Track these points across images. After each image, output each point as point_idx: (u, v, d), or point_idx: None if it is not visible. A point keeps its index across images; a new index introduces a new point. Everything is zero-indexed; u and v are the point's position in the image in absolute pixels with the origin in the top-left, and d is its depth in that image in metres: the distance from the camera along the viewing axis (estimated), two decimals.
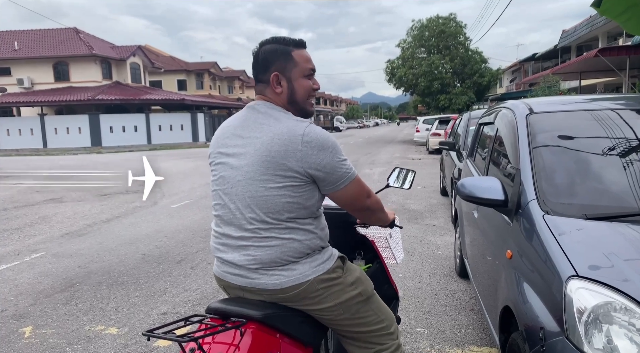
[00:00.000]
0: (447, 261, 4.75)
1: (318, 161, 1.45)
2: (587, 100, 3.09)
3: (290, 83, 1.58)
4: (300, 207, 1.51)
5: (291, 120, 1.51)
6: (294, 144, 1.45)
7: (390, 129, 58.94)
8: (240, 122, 1.61)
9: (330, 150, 1.47)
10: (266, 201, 1.49)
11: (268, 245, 1.51)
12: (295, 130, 1.46)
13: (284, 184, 1.47)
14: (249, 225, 1.52)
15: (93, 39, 34.44)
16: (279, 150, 1.45)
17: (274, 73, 1.57)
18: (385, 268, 2.05)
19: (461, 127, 7.93)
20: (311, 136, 1.46)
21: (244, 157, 1.52)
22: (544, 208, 1.98)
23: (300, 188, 1.49)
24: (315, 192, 1.53)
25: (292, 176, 1.46)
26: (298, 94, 1.59)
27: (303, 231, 1.54)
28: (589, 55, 14.75)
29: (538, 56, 33.18)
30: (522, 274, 1.93)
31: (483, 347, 2.97)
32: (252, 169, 1.49)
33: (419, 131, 23.91)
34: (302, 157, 1.44)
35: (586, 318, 1.46)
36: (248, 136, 1.55)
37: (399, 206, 7.72)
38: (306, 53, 1.62)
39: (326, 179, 1.50)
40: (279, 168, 1.46)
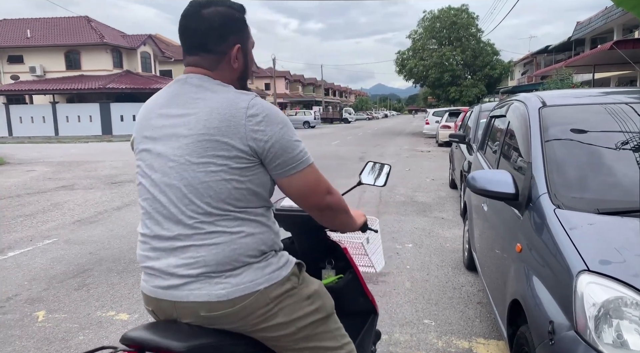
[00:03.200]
0: (455, 254, 4.75)
1: (266, 137, 1.22)
2: (600, 93, 3.05)
3: (246, 57, 1.37)
4: (250, 193, 1.27)
5: (231, 92, 1.28)
6: (237, 118, 1.21)
7: (400, 121, 58.67)
8: (167, 100, 1.33)
9: (281, 126, 1.25)
10: (208, 189, 1.23)
11: (214, 243, 1.24)
12: (238, 102, 1.23)
13: (230, 167, 1.23)
14: (188, 219, 1.24)
15: (104, 27, 34.53)
16: (219, 126, 1.21)
17: (237, 45, 1.33)
18: (360, 278, 1.76)
19: (471, 120, 7.87)
20: (257, 108, 1.23)
21: (175, 139, 1.26)
22: (555, 202, 1.97)
23: (248, 171, 1.25)
24: (266, 176, 1.29)
25: (237, 157, 1.22)
26: (249, 69, 1.39)
27: (255, 223, 1.29)
28: (603, 47, 14.52)
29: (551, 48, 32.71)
30: (531, 268, 1.93)
31: (490, 340, 2.97)
32: (186, 152, 1.23)
33: (428, 123, 23.76)
34: (247, 133, 1.21)
35: (596, 312, 1.46)
36: (179, 113, 1.28)
37: (408, 198, 7.71)
38: None
39: (275, 158, 1.25)
40: (220, 147, 1.21)
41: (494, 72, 30.43)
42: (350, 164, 12.57)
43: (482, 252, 3.28)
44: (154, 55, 36.41)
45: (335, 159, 13.88)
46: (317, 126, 42.16)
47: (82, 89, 29.31)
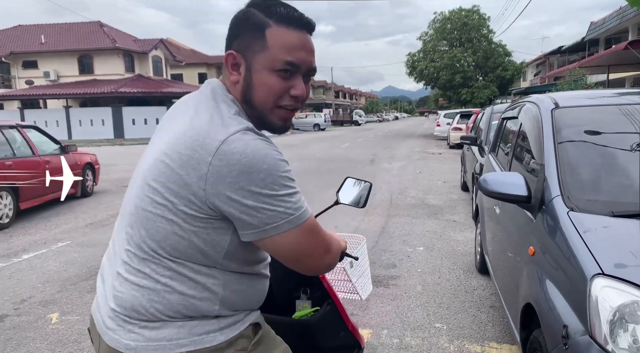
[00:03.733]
0: (467, 257, 4.70)
1: (232, 189, 0.93)
2: (615, 94, 3.01)
3: (249, 73, 1.05)
4: (193, 248, 1.00)
5: (222, 117, 1.00)
6: (203, 152, 0.94)
7: (410, 123, 58.46)
8: (177, 107, 1.16)
9: (262, 176, 0.93)
10: (146, 221, 1.01)
11: (136, 283, 1.02)
12: (215, 133, 0.96)
13: (176, 206, 0.97)
14: (126, 243, 1.06)
15: (116, 32, 34.98)
16: (181, 154, 0.96)
17: (229, 51, 1.07)
18: (341, 309, 1.52)
19: (483, 122, 7.82)
20: (234, 147, 0.93)
21: (150, 155, 1.07)
22: (568, 204, 1.94)
23: (198, 221, 0.97)
24: (225, 235, 1.00)
25: (188, 200, 0.96)
26: (256, 94, 1.05)
27: (193, 282, 1.02)
28: (618, 47, 14.32)
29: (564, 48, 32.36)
30: (544, 271, 1.90)
31: (503, 344, 2.94)
32: (147, 169, 1.04)
33: (439, 125, 23.63)
34: (209, 176, 0.93)
35: (611, 317, 1.44)
36: (166, 127, 1.11)
37: (419, 201, 7.67)
38: (295, 37, 1.04)
39: (243, 218, 0.95)
40: (172, 179, 0.97)
41: (506, 74, 30.20)
42: (360, 166, 12.55)
43: (494, 255, 3.24)
44: (165, 59, 36.79)
45: (345, 162, 13.86)
46: (327, 128, 42.18)
47: (94, 93, 29.70)
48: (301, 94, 1.07)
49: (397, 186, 9.18)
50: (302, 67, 1.06)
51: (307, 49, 1.06)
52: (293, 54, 1.03)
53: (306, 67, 1.07)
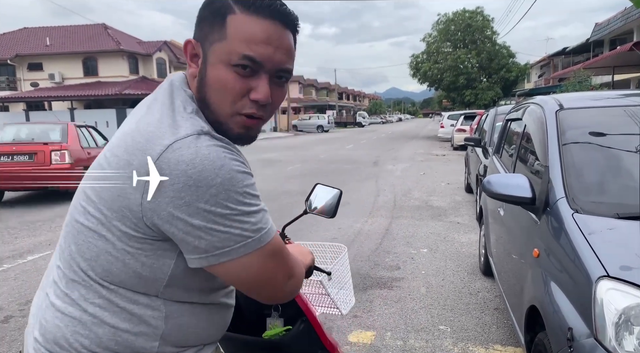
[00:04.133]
0: (471, 259, 4.69)
1: (176, 205, 0.77)
2: (620, 95, 3.00)
3: (204, 66, 0.89)
4: (130, 274, 0.84)
5: (173, 117, 0.84)
6: (143, 158, 0.79)
7: (414, 125, 58.40)
8: (138, 105, 0.98)
9: (213, 191, 0.77)
10: (77, 235, 0.87)
11: (62, 311, 0.87)
12: (161, 136, 0.80)
13: (110, 220, 0.83)
14: (58, 258, 0.92)
15: (120, 34, 35.16)
16: (119, 158, 0.83)
17: (188, 39, 0.93)
18: (317, 326, 1.38)
19: (487, 124, 7.80)
20: (181, 155, 0.77)
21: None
22: (573, 206, 1.94)
23: (135, 241, 0.82)
24: (172, 259, 0.85)
25: (121, 214, 0.81)
26: (209, 92, 0.88)
27: (127, 314, 0.86)
28: (623, 48, 14.27)
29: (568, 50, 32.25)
30: (549, 273, 1.89)
31: (508, 347, 2.93)
32: (89, 175, 0.89)
33: (443, 126, 23.60)
34: (146, 191, 0.78)
35: (617, 319, 1.43)
36: (120, 129, 0.95)
37: (423, 202, 7.66)
38: (260, 27, 0.85)
39: (188, 241, 0.80)
40: (106, 187, 0.83)
41: (510, 75, 30.14)
42: (364, 168, 12.55)
43: (498, 257, 3.23)
44: (169, 61, 36.93)
45: (349, 163, 13.86)
46: (331, 130, 42.19)
47: (99, 95, 29.85)
48: (262, 98, 0.87)
49: (400, 187, 9.17)
50: (267, 65, 0.86)
51: (275, 44, 0.86)
52: (254, 47, 0.84)
53: (273, 66, 0.87)
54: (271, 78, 0.89)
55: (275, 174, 11.13)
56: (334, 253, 1.56)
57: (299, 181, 9.91)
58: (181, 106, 0.87)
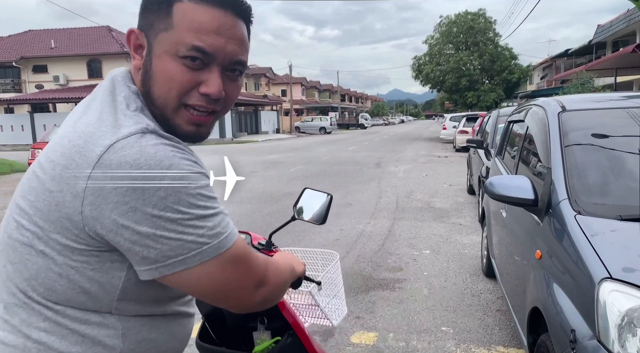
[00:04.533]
0: (473, 260, 4.69)
1: (120, 211, 0.69)
2: (622, 97, 3.00)
3: (149, 58, 0.81)
4: (77, 291, 0.75)
5: (115, 115, 0.76)
6: (82, 161, 0.71)
7: (416, 127, 58.38)
8: (77, 106, 0.88)
9: (161, 194, 0.70)
10: (12, 253, 0.77)
11: (1, 341, 0.78)
12: (101, 136, 0.73)
13: (47, 234, 0.73)
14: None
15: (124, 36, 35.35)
16: (54, 163, 0.74)
17: (130, 29, 0.85)
18: (305, 339, 1.31)
19: (489, 125, 7.79)
20: (124, 155, 0.70)
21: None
22: (575, 208, 1.94)
23: (79, 254, 0.73)
24: (122, 271, 0.76)
25: (60, 225, 0.72)
26: (154, 85, 0.81)
27: (78, 336, 0.77)
28: (625, 50, 14.25)
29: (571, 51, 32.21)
30: (552, 275, 1.89)
31: (510, 348, 2.92)
32: (19, 187, 0.81)
33: (445, 128, 23.59)
34: (88, 195, 0.70)
35: (620, 321, 1.43)
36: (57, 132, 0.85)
37: (425, 204, 7.65)
38: (209, 15, 0.79)
39: (135, 250, 0.72)
40: (42, 197, 0.73)
41: (513, 77, 30.11)
42: (366, 169, 12.55)
43: (501, 259, 3.23)
44: None
45: (351, 165, 13.86)
46: (333, 131, 42.22)
47: None
48: (213, 92, 0.80)
49: (403, 189, 9.17)
50: (218, 57, 0.80)
51: (227, 35, 0.80)
52: (204, 37, 0.78)
53: (225, 57, 0.81)
54: (223, 71, 0.82)
55: (279, 176, 11.13)
56: (325, 260, 1.47)
57: (301, 183, 9.91)
58: (123, 103, 0.78)
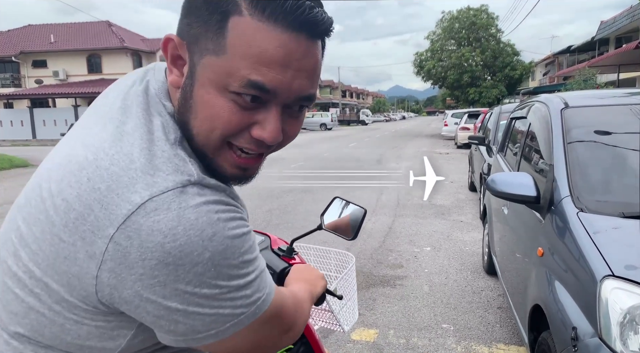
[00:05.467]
0: (474, 257, 4.68)
1: (146, 285, 0.57)
2: (625, 94, 2.98)
3: (190, 82, 0.64)
4: (69, 340, 0.64)
5: (150, 150, 0.61)
6: (103, 216, 0.57)
7: (418, 123, 58.28)
8: (97, 101, 0.73)
9: (199, 270, 0.58)
10: (2, 279, 0.66)
11: None
12: (130, 183, 0.58)
13: (43, 284, 0.61)
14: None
15: (124, 31, 35.23)
16: (69, 204, 0.59)
17: (169, 35, 0.66)
18: (315, 347, 1.28)
19: (491, 122, 7.77)
20: (157, 220, 0.56)
21: (35, 177, 0.70)
22: (578, 205, 1.93)
23: (82, 311, 0.62)
24: (131, 330, 0.65)
25: (68, 282, 0.60)
26: (194, 119, 0.64)
27: None
28: (629, 46, 14.20)
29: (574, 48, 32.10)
30: (553, 272, 1.89)
31: (511, 346, 2.92)
32: (22, 210, 0.65)
33: (447, 124, 23.55)
34: (108, 259, 0.57)
35: (622, 319, 1.42)
36: (71, 136, 0.70)
37: (425, 201, 7.65)
38: (277, 42, 0.59)
39: (161, 325, 0.61)
40: (50, 243, 0.60)
41: (515, 73, 30.06)
42: (367, 166, 12.53)
43: (502, 256, 3.23)
44: None
45: (352, 161, 13.85)
46: (334, 128, 42.18)
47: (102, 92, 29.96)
48: (268, 138, 0.64)
49: (404, 186, 9.16)
50: (280, 95, 0.62)
51: (296, 67, 0.61)
52: (264, 71, 0.59)
53: (289, 95, 0.63)
54: (285, 108, 0.65)
55: (279, 173, 11.13)
56: (341, 262, 1.41)
57: (302, 179, 9.91)
58: (161, 131, 0.63)
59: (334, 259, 1.43)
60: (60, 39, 33.69)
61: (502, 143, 4.22)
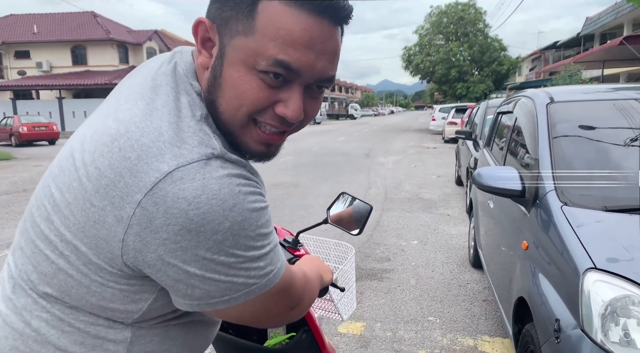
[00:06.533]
0: (460, 251, 4.73)
1: (169, 249, 0.61)
2: (609, 89, 3.02)
3: (220, 62, 0.68)
4: (94, 301, 0.68)
5: (178, 125, 0.65)
6: (132, 182, 0.61)
7: (406, 118, 58.50)
8: (129, 78, 0.77)
9: (219, 238, 0.61)
10: (32, 243, 0.70)
11: (2, 318, 0.72)
12: (158, 153, 0.62)
13: (73, 247, 0.66)
14: (12, 254, 0.76)
15: (110, 23, 34.66)
16: (100, 172, 0.63)
17: (200, 18, 0.71)
18: (318, 337, 1.31)
19: (478, 116, 7.83)
20: (183, 188, 0.60)
21: (67, 149, 0.72)
22: (562, 199, 1.95)
23: (106, 273, 0.66)
24: (152, 293, 0.69)
25: (97, 245, 0.64)
26: (222, 97, 0.69)
27: (77, 334, 0.70)
28: (613, 43, 14.38)
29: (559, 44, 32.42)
30: (537, 265, 1.91)
31: (495, 338, 2.96)
32: (53, 175, 0.71)
33: (435, 119, 23.67)
34: (134, 223, 0.61)
35: (603, 311, 1.45)
36: (102, 111, 0.73)
37: (413, 195, 7.69)
38: (304, 24, 0.65)
39: (179, 288, 0.65)
40: (81, 208, 0.64)
41: (502, 68, 30.28)
42: (356, 160, 12.55)
43: (488, 249, 3.26)
44: (159, 50, 36.50)
45: (341, 155, 13.86)
46: (323, 122, 42.14)
47: (88, 84, 29.47)
48: (291, 116, 0.69)
49: (392, 180, 9.19)
50: (304, 75, 0.67)
51: (319, 49, 0.66)
52: (291, 51, 0.64)
53: (312, 75, 0.68)
54: (306, 89, 0.70)
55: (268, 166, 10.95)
56: (340, 252, 1.44)
57: (291, 173, 9.89)
58: (188, 108, 0.67)
59: (334, 250, 1.47)
60: (44, 29, 33.02)
61: (488, 137, 4.25)
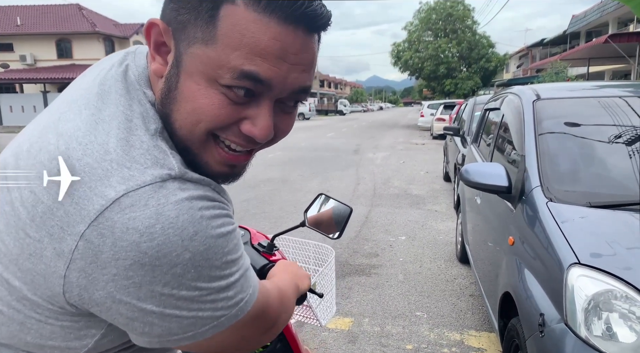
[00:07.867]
0: (448, 246, 4.76)
1: (120, 286, 0.53)
2: (595, 87, 3.07)
3: (175, 71, 0.59)
4: (28, 339, 0.60)
5: (128, 141, 0.56)
6: (74, 211, 0.52)
7: (395, 114, 58.65)
8: (76, 82, 0.69)
9: (178, 271, 0.54)
10: None
11: None
12: (103, 179, 0.53)
13: (5, 279, 0.58)
14: None
15: (96, 16, 34.13)
16: (36, 197, 0.54)
17: (152, 19, 0.61)
18: (293, 344, 1.25)
19: (466, 113, 7.88)
20: (133, 217, 0.52)
21: None
22: (547, 195, 1.97)
23: (46, 310, 0.58)
24: (95, 329, 0.61)
25: (32, 281, 0.56)
26: (177, 111, 0.59)
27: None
28: (598, 41, 14.56)
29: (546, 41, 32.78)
30: (523, 260, 1.93)
31: (482, 332, 2.99)
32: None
33: (423, 115, 23.77)
34: (77, 258, 0.52)
35: (586, 305, 1.47)
36: (35, 124, 0.65)
37: (402, 191, 7.72)
38: (272, 33, 0.55)
39: (134, 327, 0.57)
40: (15, 237, 0.56)
41: (490, 65, 30.48)
42: (345, 156, 12.56)
43: (474, 245, 3.29)
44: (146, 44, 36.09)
45: (330, 151, 13.86)
46: (312, 117, 42.08)
47: (73, 78, 28.08)
48: (260, 135, 0.60)
49: (380, 176, 9.22)
50: (274, 89, 0.58)
51: (292, 61, 0.57)
52: (259, 61, 0.55)
53: (283, 88, 0.59)
54: (277, 103, 0.61)
55: (256, 162, 10.91)
56: (320, 254, 1.38)
57: (279, 169, 9.87)
58: (140, 120, 0.58)
59: (313, 252, 1.40)
60: (28, 21, 32.39)
61: (476, 133, 4.28)
